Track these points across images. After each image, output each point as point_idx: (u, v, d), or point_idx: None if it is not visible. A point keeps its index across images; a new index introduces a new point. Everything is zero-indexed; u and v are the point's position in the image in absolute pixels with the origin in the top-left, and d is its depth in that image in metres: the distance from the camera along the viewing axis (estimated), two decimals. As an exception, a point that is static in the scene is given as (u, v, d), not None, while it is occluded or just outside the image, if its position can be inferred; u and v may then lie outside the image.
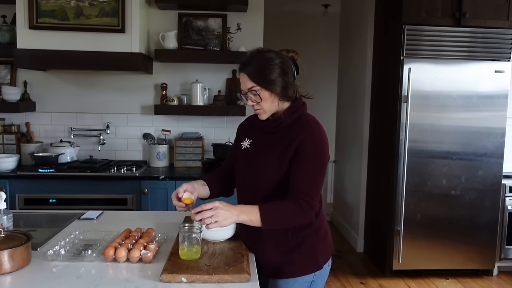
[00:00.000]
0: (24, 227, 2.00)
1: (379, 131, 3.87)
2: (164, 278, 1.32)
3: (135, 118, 3.53)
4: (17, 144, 3.34)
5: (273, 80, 1.51)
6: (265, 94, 1.52)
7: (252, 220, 1.47)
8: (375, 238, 3.91)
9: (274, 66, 1.51)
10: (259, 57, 1.53)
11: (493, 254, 3.52)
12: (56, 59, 3.00)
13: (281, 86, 1.52)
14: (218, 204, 1.44)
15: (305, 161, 1.51)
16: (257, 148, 1.63)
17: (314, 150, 1.52)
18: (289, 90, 1.55)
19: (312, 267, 1.62)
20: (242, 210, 1.47)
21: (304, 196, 1.49)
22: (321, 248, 1.65)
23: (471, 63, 3.36)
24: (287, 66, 1.55)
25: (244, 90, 1.55)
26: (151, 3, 3.38)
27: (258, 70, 1.51)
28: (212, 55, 3.34)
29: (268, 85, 1.51)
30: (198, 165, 3.42)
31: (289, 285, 1.61)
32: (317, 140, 1.54)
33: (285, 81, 1.53)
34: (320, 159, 1.54)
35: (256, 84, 1.51)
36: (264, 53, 1.55)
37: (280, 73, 1.52)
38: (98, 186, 2.98)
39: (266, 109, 1.56)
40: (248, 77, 1.52)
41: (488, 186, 3.45)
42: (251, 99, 1.54)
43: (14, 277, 1.35)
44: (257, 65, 1.52)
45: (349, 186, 4.63)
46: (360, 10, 4.31)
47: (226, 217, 1.43)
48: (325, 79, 5.79)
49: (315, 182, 1.53)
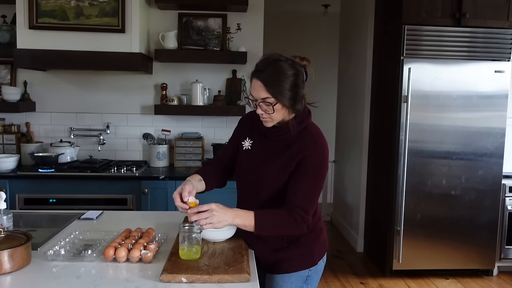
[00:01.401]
0: (24, 227, 2.00)
1: (379, 131, 3.87)
2: (164, 278, 1.32)
3: (135, 118, 3.53)
4: (17, 144, 3.34)
5: (288, 93, 1.49)
6: (278, 106, 1.50)
7: (246, 225, 1.51)
8: (375, 238, 3.91)
9: (290, 79, 1.48)
10: (276, 67, 1.49)
11: (493, 254, 3.52)
12: (56, 59, 3.00)
13: (294, 99, 1.51)
14: (214, 207, 1.46)
15: (305, 175, 1.54)
16: (259, 154, 1.63)
17: (315, 166, 1.55)
18: (300, 102, 1.53)
19: (308, 263, 1.68)
20: (237, 215, 1.51)
21: (299, 210, 1.53)
22: (316, 246, 1.70)
23: (471, 63, 3.36)
24: (301, 78, 1.52)
25: (257, 98, 1.51)
26: (151, 3, 3.38)
27: (274, 82, 1.47)
28: (212, 55, 3.34)
29: (283, 98, 1.48)
30: (198, 165, 3.42)
31: (285, 279, 1.66)
32: (319, 155, 1.57)
33: (298, 93, 1.51)
34: (319, 175, 1.57)
35: (271, 96, 1.48)
36: (281, 62, 1.50)
37: (295, 85, 1.50)
38: (98, 186, 2.98)
39: (275, 119, 1.55)
40: (264, 87, 1.48)
41: (488, 186, 3.45)
42: (262, 108, 1.52)
43: (14, 277, 1.35)
44: (274, 76, 1.48)
45: (349, 186, 4.63)
46: (360, 10, 4.31)
47: (221, 220, 1.46)
48: (325, 79, 5.79)
49: (312, 196, 1.56)
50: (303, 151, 1.54)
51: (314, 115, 1.65)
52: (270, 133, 1.61)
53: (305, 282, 1.68)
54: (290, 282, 1.66)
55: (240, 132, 1.75)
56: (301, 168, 1.54)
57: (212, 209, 1.45)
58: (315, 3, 5.54)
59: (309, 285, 1.70)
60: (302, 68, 1.55)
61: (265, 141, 1.63)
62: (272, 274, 1.68)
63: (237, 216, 1.50)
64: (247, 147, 1.67)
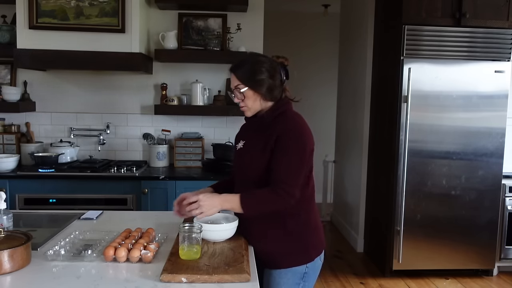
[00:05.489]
0: (24, 227, 2.00)
1: (379, 131, 3.87)
2: (164, 278, 1.32)
3: (135, 118, 3.53)
4: (17, 144, 3.34)
5: (257, 81, 1.64)
6: (248, 93, 1.66)
7: (234, 207, 1.60)
8: (375, 238, 3.91)
9: (261, 69, 1.65)
10: (249, 59, 1.69)
11: (493, 254, 3.52)
12: (56, 59, 2.99)
13: (266, 87, 1.65)
14: (202, 197, 1.58)
15: (284, 151, 1.61)
16: (246, 146, 1.75)
17: (293, 140, 1.62)
18: (274, 91, 1.67)
19: (304, 259, 1.71)
20: (225, 199, 1.61)
21: (281, 184, 1.59)
22: (312, 242, 1.74)
23: (471, 63, 3.36)
24: (274, 69, 1.67)
25: (232, 87, 1.70)
26: (151, 3, 3.38)
27: (245, 71, 1.66)
28: (212, 55, 3.34)
29: (252, 85, 1.65)
30: (198, 165, 3.42)
31: (282, 275, 1.69)
32: (296, 130, 1.64)
33: (270, 83, 1.65)
34: (299, 149, 1.62)
35: (241, 83, 1.66)
36: (255, 56, 1.72)
37: (266, 75, 1.65)
38: (98, 186, 2.98)
39: (250, 107, 1.69)
40: (235, 76, 1.67)
41: (488, 186, 3.45)
42: (237, 97, 1.69)
43: (14, 277, 1.35)
44: (245, 66, 1.67)
45: (349, 186, 4.63)
46: (360, 10, 4.31)
47: (210, 206, 1.57)
48: (325, 79, 5.79)
49: (293, 170, 1.61)
50: (279, 130, 1.63)
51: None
52: (252, 123, 1.76)
53: (302, 278, 1.70)
54: (287, 278, 1.69)
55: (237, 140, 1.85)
56: (280, 144, 1.61)
57: (200, 199, 1.57)
58: (315, 3, 5.54)
59: (306, 282, 1.72)
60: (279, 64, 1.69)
61: (253, 134, 1.74)
62: (270, 269, 1.71)
63: (225, 200, 1.60)
64: (240, 147, 1.78)
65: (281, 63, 1.71)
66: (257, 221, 1.66)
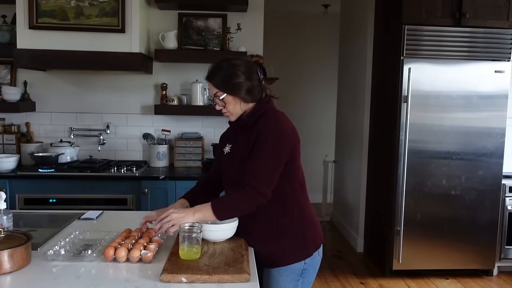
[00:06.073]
0: (24, 227, 2.00)
1: (379, 131, 3.87)
2: (164, 278, 1.32)
3: (135, 118, 3.53)
4: (17, 144, 3.34)
5: (235, 85, 1.62)
6: (228, 98, 1.65)
7: (206, 215, 1.56)
8: (375, 238, 3.91)
9: (237, 72, 1.62)
10: (220, 65, 1.66)
11: (493, 254, 3.52)
12: (56, 59, 2.99)
13: (245, 90, 1.63)
14: (172, 211, 1.56)
15: (258, 150, 1.60)
16: (233, 152, 1.73)
17: (267, 138, 1.60)
18: (253, 92, 1.66)
19: (302, 255, 1.70)
20: (196, 209, 1.57)
21: (250, 181, 1.56)
22: (309, 236, 1.73)
23: (471, 63, 3.36)
24: (250, 70, 1.65)
25: (212, 96, 1.69)
26: (151, 3, 3.38)
27: (221, 77, 1.64)
28: (212, 55, 3.33)
29: (230, 91, 1.63)
30: (198, 165, 3.42)
31: (280, 272, 1.69)
32: (273, 130, 1.62)
33: (248, 84, 1.63)
34: (270, 148, 1.59)
35: (219, 90, 1.65)
36: (228, 60, 1.67)
37: (243, 77, 1.63)
38: (98, 186, 2.98)
39: (232, 112, 1.68)
40: (212, 84, 1.66)
41: (488, 186, 3.45)
42: (218, 104, 1.68)
43: (14, 277, 1.35)
44: (221, 73, 1.64)
45: (349, 186, 4.63)
46: (360, 10, 4.31)
47: (182, 219, 1.53)
48: (325, 79, 5.79)
49: (264, 169, 1.58)
50: (257, 130, 1.62)
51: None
52: (236, 127, 1.74)
53: (300, 275, 1.70)
54: (285, 276, 1.69)
55: (221, 146, 1.83)
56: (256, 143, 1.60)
57: (170, 213, 1.55)
58: (315, 3, 5.54)
59: (305, 279, 1.72)
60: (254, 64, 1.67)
61: (239, 137, 1.72)
62: (268, 268, 1.72)
63: (196, 211, 1.56)
64: (227, 151, 1.76)
65: (256, 62, 1.69)
66: (253, 222, 1.66)
